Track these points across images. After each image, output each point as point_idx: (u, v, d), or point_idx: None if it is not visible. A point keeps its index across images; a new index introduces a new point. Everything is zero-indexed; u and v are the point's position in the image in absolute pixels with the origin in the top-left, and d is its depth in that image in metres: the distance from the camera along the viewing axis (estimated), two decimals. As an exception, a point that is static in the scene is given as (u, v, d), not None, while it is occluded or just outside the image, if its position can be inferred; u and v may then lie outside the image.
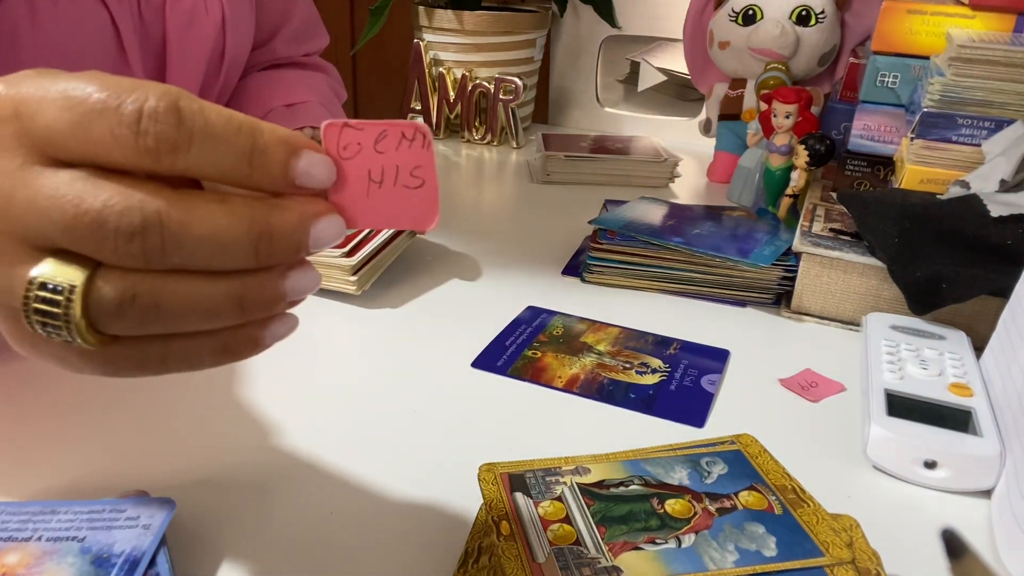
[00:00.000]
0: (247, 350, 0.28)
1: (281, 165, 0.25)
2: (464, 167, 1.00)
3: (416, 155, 0.27)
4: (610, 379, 0.51)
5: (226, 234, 0.25)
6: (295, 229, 0.26)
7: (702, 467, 0.38)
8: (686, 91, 1.19)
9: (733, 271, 0.62)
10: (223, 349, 0.27)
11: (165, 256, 0.24)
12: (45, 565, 0.32)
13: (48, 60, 0.56)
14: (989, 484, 0.41)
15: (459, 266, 0.68)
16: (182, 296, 0.25)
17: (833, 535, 0.33)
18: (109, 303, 0.24)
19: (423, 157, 0.27)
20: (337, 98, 0.83)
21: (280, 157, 0.25)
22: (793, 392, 0.50)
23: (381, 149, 0.27)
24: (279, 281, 0.27)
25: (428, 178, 0.27)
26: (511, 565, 0.31)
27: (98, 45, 0.59)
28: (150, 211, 0.24)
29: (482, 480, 0.37)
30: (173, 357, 0.27)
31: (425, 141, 0.27)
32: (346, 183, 0.27)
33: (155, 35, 0.63)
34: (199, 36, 0.65)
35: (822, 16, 0.84)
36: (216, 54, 0.67)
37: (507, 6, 1.08)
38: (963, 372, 0.48)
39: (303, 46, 0.83)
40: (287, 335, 0.29)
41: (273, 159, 0.25)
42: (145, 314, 0.25)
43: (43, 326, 0.25)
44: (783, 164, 0.74)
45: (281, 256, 0.26)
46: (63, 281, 0.24)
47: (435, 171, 0.28)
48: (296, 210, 0.26)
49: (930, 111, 0.62)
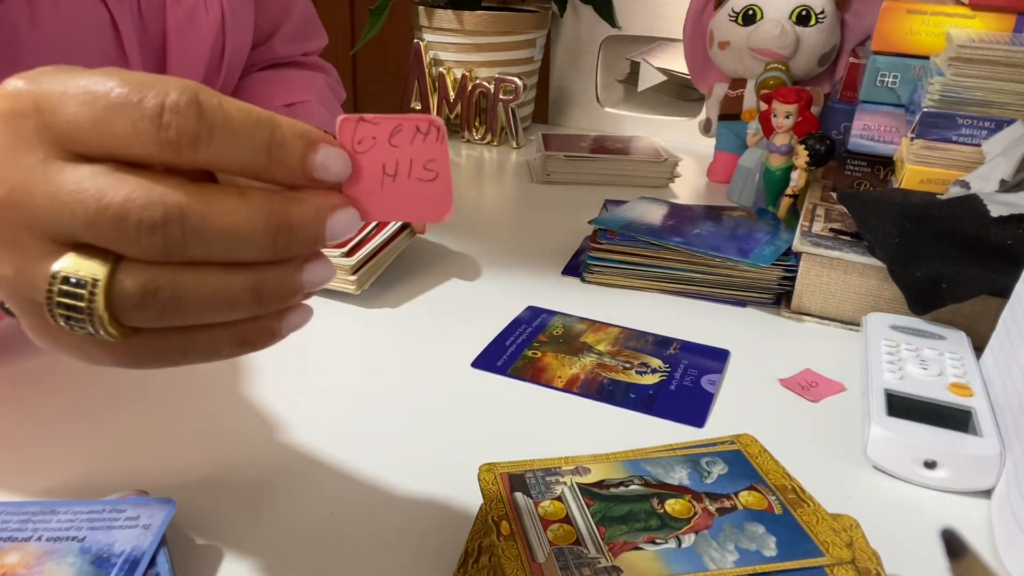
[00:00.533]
0: (264, 340, 0.28)
1: (299, 158, 0.26)
2: (464, 167, 1.00)
3: (431, 148, 0.28)
4: (610, 379, 0.51)
5: (246, 226, 0.25)
6: (312, 221, 0.26)
7: (702, 467, 0.38)
8: (686, 91, 1.19)
9: (733, 271, 0.62)
10: (241, 340, 0.28)
11: (186, 249, 0.24)
12: (45, 565, 0.32)
13: (47, 60, 0.56)
14: (989, 484, 0.41)
15: (459, 266, 0.68)
16: (203, 288, 0.25)
17: (833, 535, 0.33)
18: (132, 296, 0.25)
19: (437, 151, 0.28)
20: (336, 98, 0.83)
21: (298, 150, 0.26)
22: (793, 392, 0.50)
23: (396, 143, 0.27)
24: (296, 273, 0.27)
25: (442, 171, 0.28)
26: (511, 565, 0.31)
27: (98, 45, 0.59)
28: (171, 204, 0.24)
29: (482, 480, 0.37)
30: (193, 348, 0.27)
31: (440, 135, 0.27)
32: (361, 176, 0.28)
33: (155, 34, 0.63)
34: (199, 35, 0.65)
35: (822, 16, 0.84)
36: (216, 53, 0.67)
37: (507, 6, 1.08)
38: (963, 372, 0.48)
39: (302, 46, 0.83)
40: (303, 325, 0.29)
41: (291, 152, 0.26)
42: (167, 306, 0.25)
43: (66, 319, 0.25)
44: (783, 164, 0.74)
45: (299, 248, 0.26)
46: (86, 275, 0.24)
47: (448, 164, 0.28)
48: (313, 203, 0.26)
49: (930, 111, 0.62)
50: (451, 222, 0.77)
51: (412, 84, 1.06)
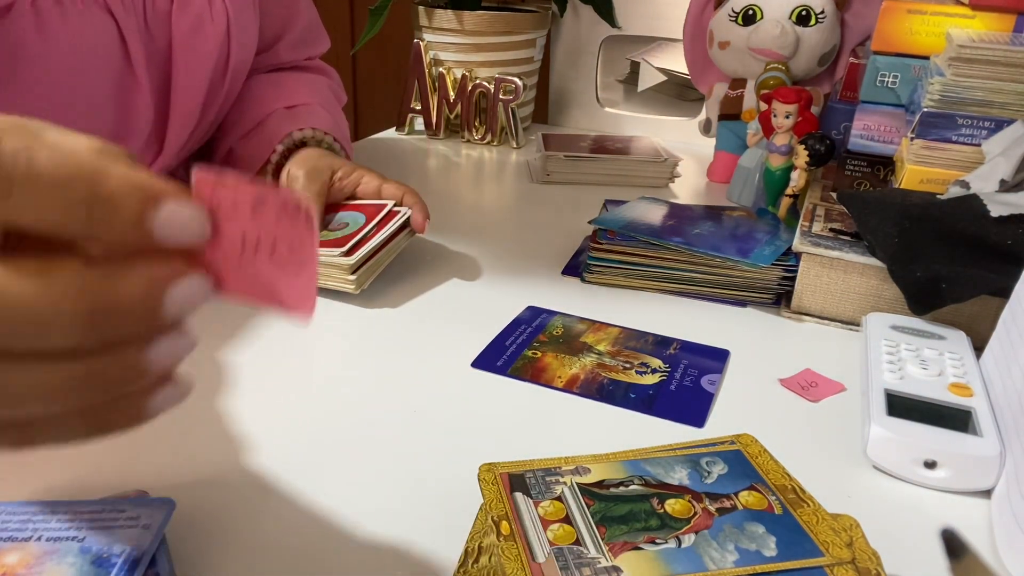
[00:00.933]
0: (128, 423, 0.24)
1: (133, 215, 0.22)
2: (464, 167, 1.00)
3: (297, 232, 0.24)
4: (610, 379, 0.51)
5: (48, 312, 0.21)
6: (142, 297, 0.22)
7: (702, 467, 0.38)
8: (686, 91, 1.19)
9: (733, 271, 0.62)
10: (97, 425, 0.24)
11: None
12: (45, 565, 0.32)
13: (54, 71, 0.56)
14: (989, 484, 0.41)
15: (459, 266, 0.68)
16: (14, 382, 0.21)
17: (833, 535, 0.33)
18: None
19: (304, 236, 0.24)
20: (337, 100, 0.83)
21: (132, 207, 0.22)
22: (793, 392, 0.50)
23: (258, 216, 0.24)
24: (137, 354, 0.23)
25: (308, 260, 0.24)
26: (511, 565, 0.31)
27: (104, 56, 0.59)
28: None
29: (482, 480, 0.37)
30: (34, 436, 0.23)
31: (307, 220, 0.23)
32: (220, 242, 0.24)
33: (160, 43, 0.63)
34: (204, 44, 0.65)
35: (822, 16, 0.84)
36: (221, 61, 0.67)
37: (507, 6, 1.08)
38: (963, 372, 0.48)
39: (305, 51, 0.83)
40: (179, 402, 0.25)
41: (122, 209, 0.21)
42: None
43: None
44: (783, 164, 0.74)
45: (130, 329, 0.22)
46: None
47: (316, 254, 0.24)
48: (143, 274, 0.22)
49: (930, 111, 0.62)
50: (451, 222, 0.78)
51: (412, 84, 1.06)
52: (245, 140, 0.71)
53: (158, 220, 0.22)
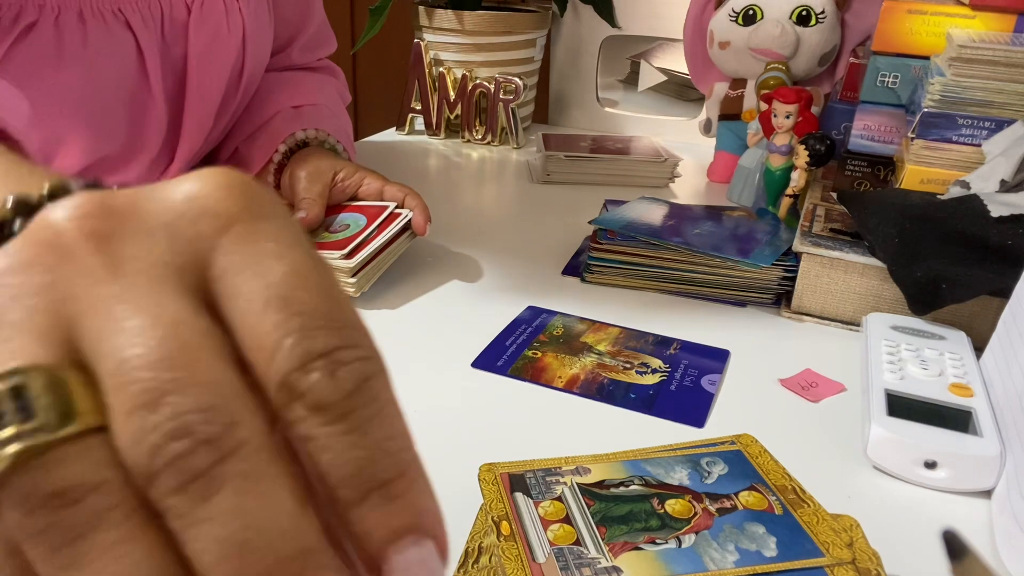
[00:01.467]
0: None
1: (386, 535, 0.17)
2: (464, 167, 1.00)
3: None
4: (610, 379, 0.51)
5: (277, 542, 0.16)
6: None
7: (702, 467, 0.38)
8: (686, 91, 1.19)
9: (733, 271, 0.62)
10: None
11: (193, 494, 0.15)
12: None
13: (71, 86, 0.56)
14: (989, 484, 0.41)
15: (459, 266, 0.68)
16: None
17: (833, 535, 0.33)
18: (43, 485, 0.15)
19: None
20: (342, 100, 0.84)
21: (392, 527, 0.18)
22: (793, 392, 0.50)
23: None
24: None
25: None
26: (511, 565, 0.31)
27: (121, 70, 0.60)
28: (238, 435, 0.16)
29: (482, 480, 0.37)
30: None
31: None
32: None
33: (176, 56, 0.63)
34: (220, 57, 0.65)
35: (822, 16, 0.84)
36: (235, 72, 0.68)
37: (507, 6, 1.08)
38: (963, 372, 0.48)
39: (316, 52, 0.83)
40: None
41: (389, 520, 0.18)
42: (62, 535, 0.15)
43: None
44: (783, 164, 0.74)
45: None
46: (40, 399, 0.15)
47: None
48: None
49: (930, 111, 0.62)
50: (451, 222, 0.77)
51: (412, 84, 1.06)
52: (250, 140, 0.71)
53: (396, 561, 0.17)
